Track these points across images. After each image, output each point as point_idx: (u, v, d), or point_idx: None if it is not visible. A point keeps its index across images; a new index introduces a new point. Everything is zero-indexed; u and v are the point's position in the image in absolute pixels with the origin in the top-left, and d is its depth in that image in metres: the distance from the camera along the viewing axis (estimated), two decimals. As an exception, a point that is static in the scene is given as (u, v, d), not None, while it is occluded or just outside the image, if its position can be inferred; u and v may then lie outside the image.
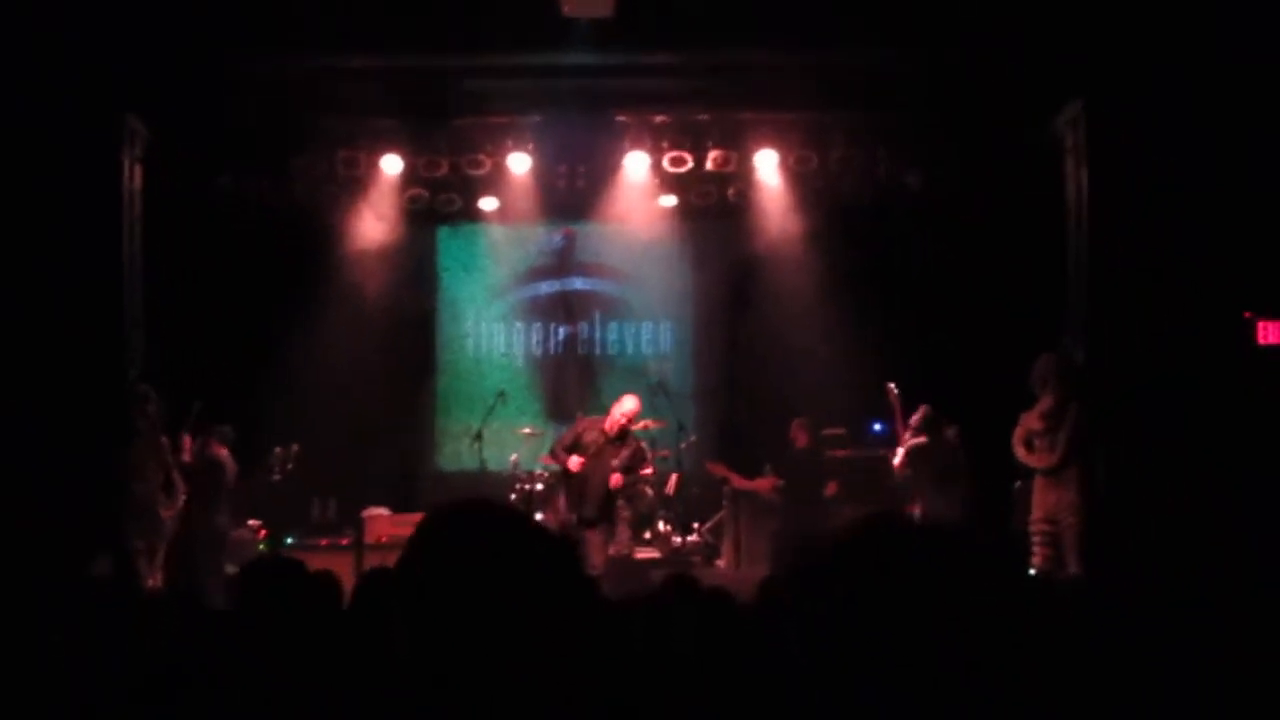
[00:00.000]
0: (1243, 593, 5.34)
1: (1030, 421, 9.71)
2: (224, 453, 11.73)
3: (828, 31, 9.82)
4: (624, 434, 11.01)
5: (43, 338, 9.36)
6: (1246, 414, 9.49)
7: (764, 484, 12.49)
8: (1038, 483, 9.64)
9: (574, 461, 10.84)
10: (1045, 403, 9.65)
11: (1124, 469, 9.54)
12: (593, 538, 10.70)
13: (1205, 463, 9.27)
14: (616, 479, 10.84)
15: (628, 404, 11.13)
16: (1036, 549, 9.44)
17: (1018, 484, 10.49)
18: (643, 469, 12.38)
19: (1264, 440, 9.34)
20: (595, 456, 10.84)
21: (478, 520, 2.39)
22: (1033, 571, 9.17)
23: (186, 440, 11.11)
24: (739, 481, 12.68)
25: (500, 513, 2.41)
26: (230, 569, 11.46)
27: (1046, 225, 10.86)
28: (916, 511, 11.30)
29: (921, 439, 11.37)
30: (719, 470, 12.92)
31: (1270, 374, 9.75)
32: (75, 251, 9.57)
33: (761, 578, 5.98)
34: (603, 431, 10.95)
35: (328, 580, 4.52)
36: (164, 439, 10.36)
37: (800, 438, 12.51)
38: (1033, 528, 9.53)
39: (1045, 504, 9.49)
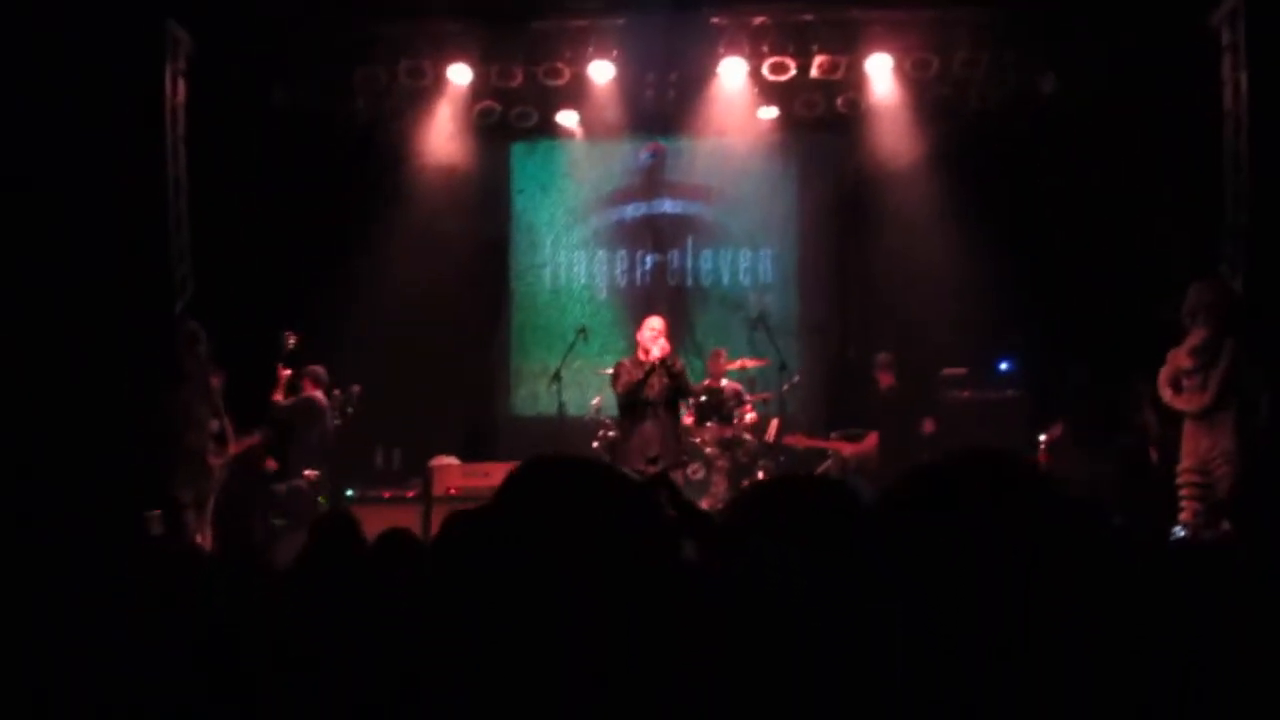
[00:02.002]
0: None
1: (1179, 359, 9.54)
2: (319, 395, 12.09)
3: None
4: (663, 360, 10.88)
5: (80, 272, 9.47)
6: None
7: (869, 442, 12.49)
8: (1187, 428, 9.49)
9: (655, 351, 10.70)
10: (1196, 337, 9.47)
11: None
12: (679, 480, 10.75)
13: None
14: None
15: (655, 321, 10.88)
16: (1185, 503, 9.31)
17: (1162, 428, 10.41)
18: (741, 410, 12.45)
19: None
20: (653, 401, 10.79)
21: (568, 476, 2.50)
22: (1179, 530, 9.10)
23: (282, 374, 11.45)
24: (831, 445, 12.74)
25: (590, 469, 2.53)
26: (279, 523, 11.75)
27: (1200, 135, 10.68)
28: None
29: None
30: (799, 442, 12.92)
31: None
32: (113, 175, 9.64)
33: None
34: (642, 366, 10.81)
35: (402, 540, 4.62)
36: (215, 381, 10.53)
37: (884, 377, 12.52)
38: (1181, 479, 9.39)
39: (1196, 452, 9.34)
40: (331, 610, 3.93)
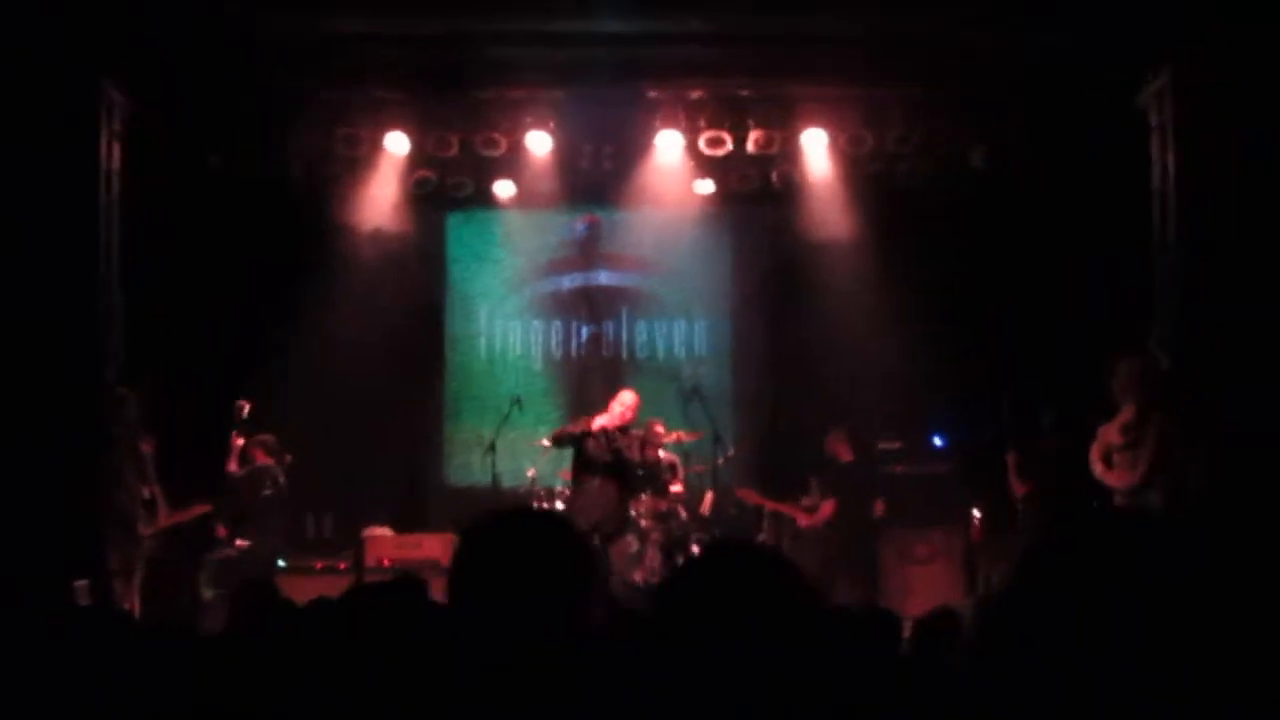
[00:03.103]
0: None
1: (1109, 435, 9.61)
2: (271, 464, 11.99)
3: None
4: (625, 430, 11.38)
5: (8, 337, 9.34)
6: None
7: (824, 512, 12.40)
8: (1118, 504, 9.58)
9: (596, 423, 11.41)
10: (1126, 413, 9.56)
11: (1216, 488, 9.42)
12: (616, 551, 10.96)
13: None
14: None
15: (627, 396, 11.56)
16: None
17: (1094, 505, 10.45)
18: (671, 483, 12.44)
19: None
20: (597, 468, 11.12)
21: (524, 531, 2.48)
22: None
23: (235, 443, 11.36)
24: (784, 509, 12.69)
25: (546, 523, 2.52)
26: (208, 594, 11.60)
27: (1129, 211, 10.79)
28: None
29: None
30: (750, 497, 12.90)
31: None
32: (44, 239, 9.51)
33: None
34: (605, 431, 11.21)
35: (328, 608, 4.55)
36: (146, 448, 10.40)
37: (842, 451, 12.49)
38: (1114, 553, 9.44)
39: (1127, 528, 9.40)
40: (254, 678, 3.86)
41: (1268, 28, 9.28)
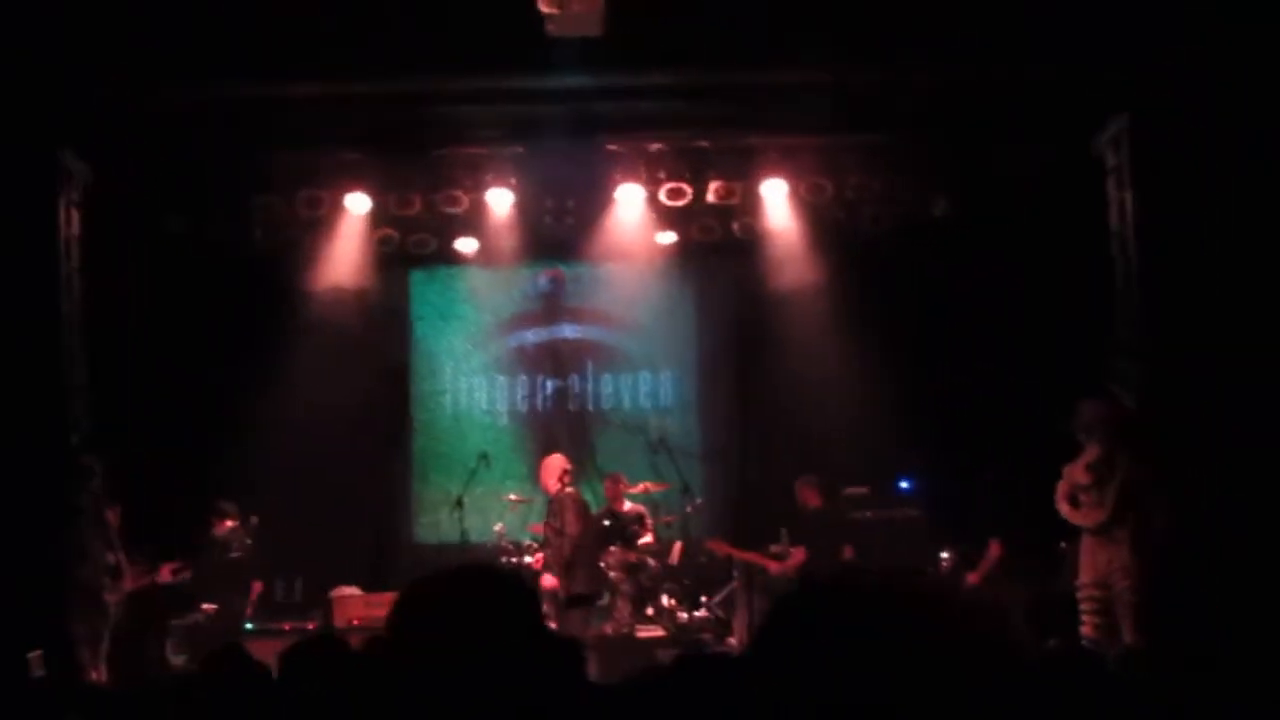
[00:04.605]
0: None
1: (1075, 474, 9.60)
2: (228, 525, 12.00)
3: (841, 47, 9.81)
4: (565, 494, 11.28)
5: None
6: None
7: (793, 560, 12.36)
8: (1085, 543, 9.54)
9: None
10: (1092, 453, 9.54)
11: (1184, 525, 9.44)
12: (571, 616, 10.88)
13: (1278, 516, 9.20)
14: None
15: (552, 461, 11.49)
16: (1085, 617, 9.35)
17: (1063, 544, 10.47)
18: (641, 534, 12.42)
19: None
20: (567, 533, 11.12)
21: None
22: (1083, 642, 9.13)
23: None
24: (754, 559, 12.64)
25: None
26: (176, 660, 11.51)
27: (1089, 254, 10.86)
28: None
29: None
30: (720, 548, 12.83)
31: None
32: (5, 311, 9.47)
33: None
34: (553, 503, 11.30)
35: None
36: (111, 515, 10.33)
37: (810, 497, 12.46)
38: (1080, 593, 9.43)
39: (1095, 566, 9.39)
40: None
41: (1218, 69, 9.40)
